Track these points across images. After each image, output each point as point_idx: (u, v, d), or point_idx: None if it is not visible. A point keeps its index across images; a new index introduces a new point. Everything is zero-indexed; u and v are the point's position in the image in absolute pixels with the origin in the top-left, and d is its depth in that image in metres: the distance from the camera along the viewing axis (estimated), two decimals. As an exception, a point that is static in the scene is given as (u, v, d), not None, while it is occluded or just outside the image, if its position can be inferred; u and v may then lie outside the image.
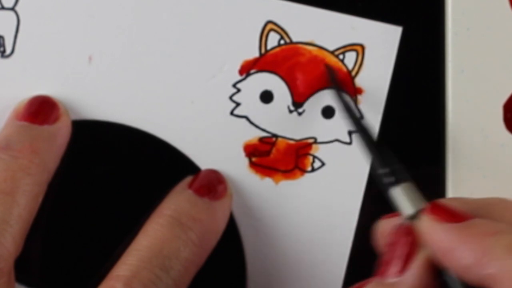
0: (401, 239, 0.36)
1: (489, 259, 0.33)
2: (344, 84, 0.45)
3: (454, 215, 0.36)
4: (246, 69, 0.45)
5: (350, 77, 0.45)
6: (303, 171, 0.45)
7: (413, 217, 0.37)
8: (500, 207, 0.37)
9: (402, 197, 0.38)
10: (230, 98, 0.45)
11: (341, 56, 0.45)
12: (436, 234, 0.35)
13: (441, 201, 0.37)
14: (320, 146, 0.45)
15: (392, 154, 0.40)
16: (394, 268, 0.36)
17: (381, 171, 0.39)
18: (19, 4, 0.43)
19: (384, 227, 0.39)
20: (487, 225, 0.35)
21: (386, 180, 0.39)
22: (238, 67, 0.45)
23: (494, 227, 0.35)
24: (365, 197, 0.45)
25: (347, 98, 0.43)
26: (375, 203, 0.45)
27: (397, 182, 0.39)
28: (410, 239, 0.36)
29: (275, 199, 0.45)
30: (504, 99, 0.45)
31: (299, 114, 0.45)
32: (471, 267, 0.34)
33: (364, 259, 0.45)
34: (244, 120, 0.45)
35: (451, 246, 0.35)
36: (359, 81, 0.45)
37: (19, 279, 0.41)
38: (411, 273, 0.35)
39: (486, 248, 0.34)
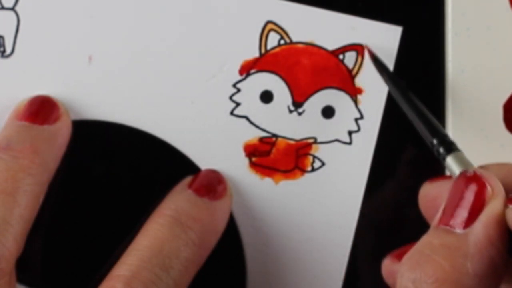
0: (467, 188, 0.35)
1: None
2: (344, 84, 0.45)
3: None
4: (246, 69, 0.45)
5: (350, 77, 0.45)
6: (303, 171, 0.45)
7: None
8: None
9: (457, 166, 0.37)
10: (230, 98, 0.45)
11: (341, 56, 0.45)
12: None
13: (489, 166, 0.36)
14: (320, 146, 0.45)
15: (438, 123, 0.39)
16: (458, 218, 0.34)
17: (435, 141, 0.39)
18: (19, 4, 0.43)
19: (429, 191, 0.38)
20: None
21: (441, 150, 0.38)
22: (238, 67, 0.45)
23: None
24: (365, 197, 0.45)
25: (390, 70, 0.43)
26: (375, 203, 0.46)
27: (448, 151, 0.38)
28: (477, 188, 0.35)
29: (275, 199, 0.45)
30: (504, 99, 0.45)
31: (299, 114, 0.45)
32: None
33: (364, 259, 0.45)
34: (244, 120, 0.45)
35: None
36: (359, 81, 0.45)
37: (20, 279, 0.41)
38: (480, 226, 0.34)
39: None
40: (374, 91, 0.45)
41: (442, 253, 0.34)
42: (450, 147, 0.38)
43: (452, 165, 0.37)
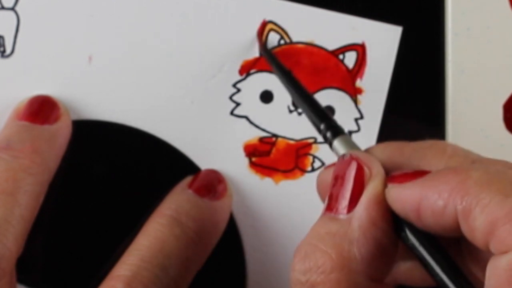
0: (346, 172, 0.35)
1: (460, 195, 0.32)
2: (344, 84, 0.45)
3: (418, 174, 0.34)
4: (246, 69, 0.45)
5: (350, 77, 0.45)
6: (303, 171, 0.45)
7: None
8: (434, 149, 0.36)
9: (342, 148, 0.37)
10: (230, 98, 0.45)
11: (341, 56, 0.45)
12: (404, 193, 0.33)
13: (374, 148, 0.37)
14: (320, 146, 0.45)
15: (324, 109, 0.39)
16: (341, 203, 0.34)
17: (322, 126, 0.38)
18: (19, 4, 0.43)
19: (326, 176, 0.37)
20: (452, 170, 0.33)
21: (328, 134, 0.38)
22: (238, 67, 0.45)
23: (460, 169, 0.33)
24: (365, 197, 0.45)
25: (278, 60, 0.43)
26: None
27: (335, 135, 0.37)
28: (355, 172, 0.35)
29: (275, 199, 0.45)
30: (504, 99, 0.45)
31: (299, 114, 0.45)
32: (443, 210, 0.32)
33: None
34: (244, 120, 0.45)
35: (420, 197, 0.33)
36: (359, 81, 0.45)
37: (20, 279, 0.41)
38: (361, 209, 0.34)
39: (455, 186, 0.32)
40: (374, 91, 0.45)
41: (328, 242, 0.34)
42: (337, 131, 0.38)
43: (339, 148, 0.37)
